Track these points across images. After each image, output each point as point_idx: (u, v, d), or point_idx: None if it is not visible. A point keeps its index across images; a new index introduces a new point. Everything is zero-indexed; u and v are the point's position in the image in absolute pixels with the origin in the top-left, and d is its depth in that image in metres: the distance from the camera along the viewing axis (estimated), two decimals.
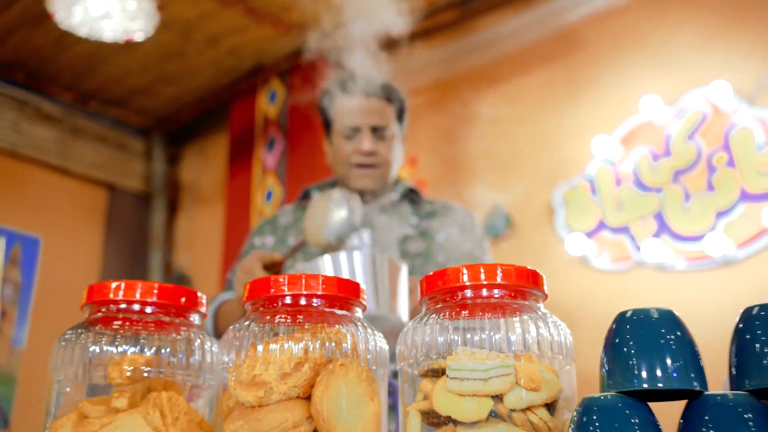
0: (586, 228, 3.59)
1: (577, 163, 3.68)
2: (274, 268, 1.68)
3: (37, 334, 4.52)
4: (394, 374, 1.08)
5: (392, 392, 1.45)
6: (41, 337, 4.61)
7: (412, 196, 2.11)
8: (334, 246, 1.68)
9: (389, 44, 4.26)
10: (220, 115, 5.15)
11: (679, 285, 3.29)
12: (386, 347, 1.04)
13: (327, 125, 2.09)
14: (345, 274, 1.54)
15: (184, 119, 5.25)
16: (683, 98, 3.42)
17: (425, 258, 1.95)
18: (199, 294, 1.09)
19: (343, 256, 1.58)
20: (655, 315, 0.87)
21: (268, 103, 4.74)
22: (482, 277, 0.98)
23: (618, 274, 3.47)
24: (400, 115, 2.09)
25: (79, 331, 1.02)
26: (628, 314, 0.88)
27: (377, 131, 2.01)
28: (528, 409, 0.93)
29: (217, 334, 1.86)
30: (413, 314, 1.61)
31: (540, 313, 1.00)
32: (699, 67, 3.42)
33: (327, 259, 1.57)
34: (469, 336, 0.97)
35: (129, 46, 4.13)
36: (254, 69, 4.71)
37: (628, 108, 3.56)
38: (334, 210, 1.73)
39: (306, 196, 2.16)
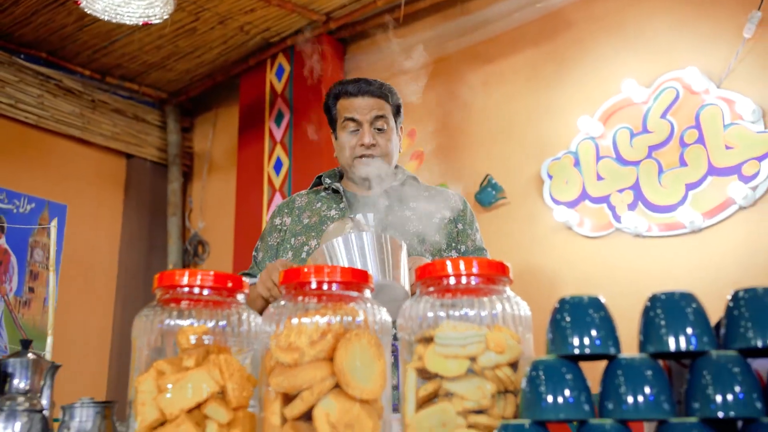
0: (569, 198, 3.69)
1: (563, 138, 3.77)
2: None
3: (66, 293, 4.79)
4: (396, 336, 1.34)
5: (395, 352, 1.71)
6: (70, 296, 4.89)
7: (411, 182, 2.29)
8: None
9: (388, 24, 4.44)
10: (230, 89, 5.23)
11: (652, 251, 3.42)
12: (389, 319, 1.26)
13: (333, 123, 2.27)
14: (355, 252, 1.73)
15: (195, 92, 5.34)
16: (659, 80, 3.51)
17: (423, 238, 2.13)
18: (243, 279, 1.36)
19: (352, 237, 1.75)
20: (586, 300, 1.10)
21: (276, 79, 4.82)
22: (462, 268, 1.21)
23: (598, 240, 3.59)
24: (396, 111, 2.26)
25: (156, 308, 1.29)
26: (567, 299, 1.10)
27: (377, 125, 2.19)
28: (496, 367, 1.15)
29: None
30: (413, 287, 1.86)
31: (506, 295, 1.23)
32: (674, 51, 3.51)
33: (339, 240, 1.75)
34: (451, 312, 1.20)
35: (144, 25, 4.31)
36: (262, 46, 4.80)
37: (610, 88, 3.65)
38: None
39: (318, 183, 2.35)
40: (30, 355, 1.44)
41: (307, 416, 1.17)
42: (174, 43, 4.69)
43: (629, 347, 1.08)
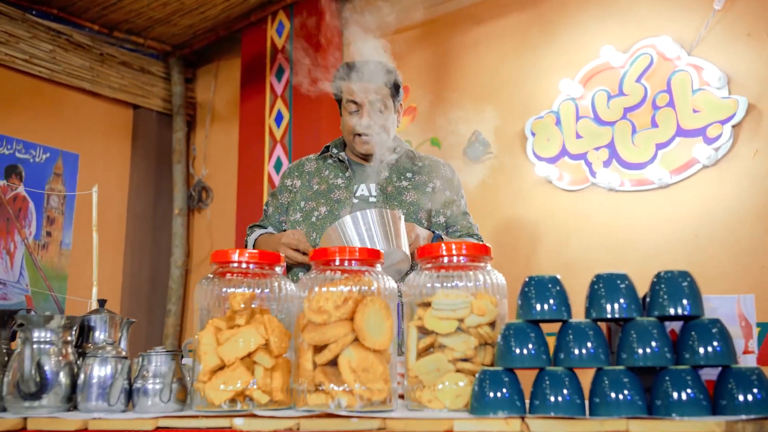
0: (550, 154, 3.88)
1: (546, 99, 3.94)
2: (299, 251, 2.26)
3: (80, 238, 5.07)
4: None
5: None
6: (84, 241, 5.15)
7: (408, 154, 2.52)
8: None
9: None
10: (232, 43, 5.31)
11: (624, 204, 3.64)
12: (396, 287, 1.54)
13: (339, 101, 2.48)
14: (362, 227, 2.01)
15: (198, 46, 5.44)
16: (635, 46, 3.67)
17: (417, 206, 2.40)
18: (281, 254, 1.67)
19: (358, 215, 2.02)
20: (547, 278, 1.38)
21: (276, 35, 4.92)
22: (453, 249, 1.51)
23: (575, 193, 3.80)
24: (396, 91, 2.44)
25: (213, 279, 1.58)
26: (533, 277, 1.38)
27: (375, 107, 2.38)
28: (478, 326, 1.43)
29: None
30: (411, 248, 2.12)
31: (487, 269, 1.53)
32: (650, 19, 3.66)
33: (347, 219, 2.02)
34: (444, 283, 1.48)
35: None
36: (263, 2, 4.88)
37: (590, 53, 3.81)
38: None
39: (326, 150, 2.59)
40: (105, 312, 1.77)
41: (333, 363, 1.44)
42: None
43: None
